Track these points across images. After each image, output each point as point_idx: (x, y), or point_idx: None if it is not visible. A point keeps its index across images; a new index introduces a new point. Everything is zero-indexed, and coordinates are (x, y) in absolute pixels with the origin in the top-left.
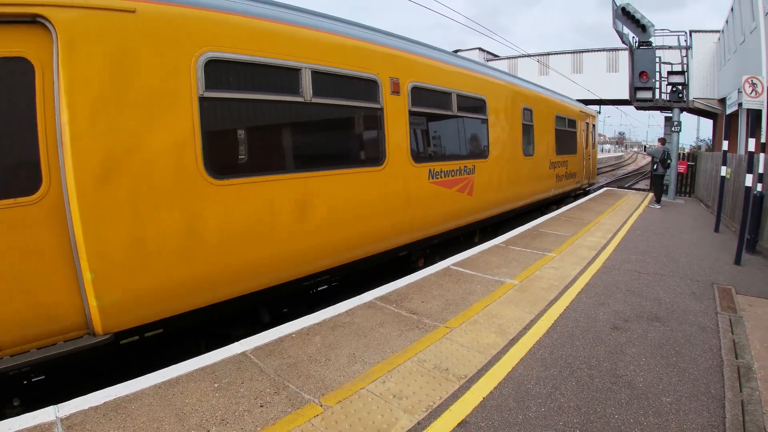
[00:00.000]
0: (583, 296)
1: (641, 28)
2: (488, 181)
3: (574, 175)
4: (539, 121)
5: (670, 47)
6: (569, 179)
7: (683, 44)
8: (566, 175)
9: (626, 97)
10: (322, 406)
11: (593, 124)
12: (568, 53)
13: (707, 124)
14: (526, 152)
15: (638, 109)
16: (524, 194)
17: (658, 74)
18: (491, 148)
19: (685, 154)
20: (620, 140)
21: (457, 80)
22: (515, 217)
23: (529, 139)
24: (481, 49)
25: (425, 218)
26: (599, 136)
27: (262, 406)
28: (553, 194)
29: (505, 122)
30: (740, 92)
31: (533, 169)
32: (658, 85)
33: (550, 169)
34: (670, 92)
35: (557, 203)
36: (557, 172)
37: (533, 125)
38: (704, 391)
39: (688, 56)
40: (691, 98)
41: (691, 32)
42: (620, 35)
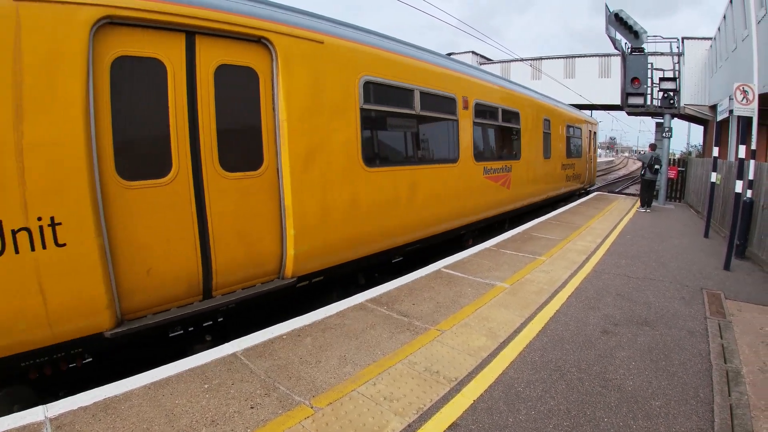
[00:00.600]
0: (573, 300)
1: (634, 34)
2: (520, 177)
3: (579, 176)
4: (554, 129)
5: (662, 54)
6: (575, 179)
7: (675, 51)
8: (573, 176)
9: (618, 102)
10: (312, 407)
11: (594, 131)
12: (560, 58)
13: (698, 130)
14: (545, 155)
15: (629, 114)
16: (543, 190)
17: (649, 80)
18: (522, 151)
19: (675, 159)
20: (611, 145)
21: (502, 97)
22: (531, 211)
23: (547, 144)
24: (474, 52)
25: (478, 205)
26: None
27: (252, 407)
28: (563, 192)
29: (531, 130)
30: (731, 99)
31: (550, 169)
32: (649, 91)
33: (561, 170)
34: (661, 98)
35: (564, 200)
36: (567, 173)
37: (550, 133)
38: (693, 395)
39: (680, 63)
40: (682, 104)
41: (683, 39)
42: (613, 41)
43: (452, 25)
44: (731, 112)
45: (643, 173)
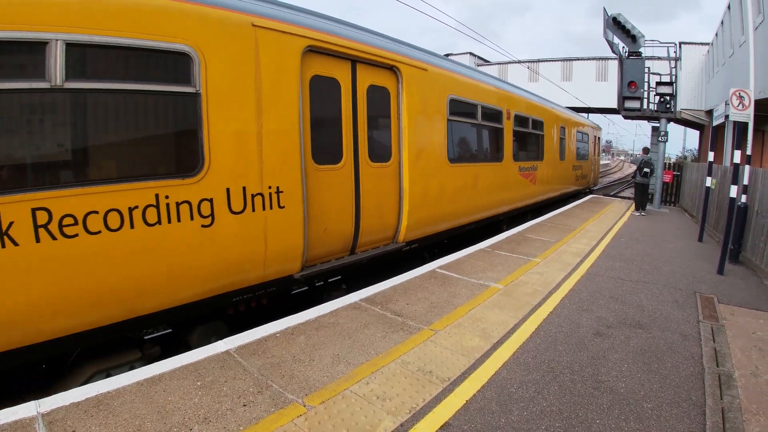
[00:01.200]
0: (566, 302)
1: (631, 38)
2: (543, 175)
3: (586, 176)
4: (568, 135)
5: (659, 58)
6: (583, 179)
7: (672, 55)
8: (581, 175)
9: (614, 105)
10: (305, 406)
11: (598, 136)
12: (557, 61)
13: (694, 134)
14: (561, 158)
15: (626, 118)
16: (559, 187)
17: (646, 84)
18: (545, 154)
19: (671, 164)
20: (607, 148)
21: (532, 108)
22: (547, 205)
23: (562, 148)
24: (472, 53)
25: (513, 197)
26: None
27: (245, 405)
28: (573, 190)
29: (552, 136)
30: (727, 105)
31: (564, 169)
32: (646, 95)
33: (572, 170)
34: (658, 102)
35: (573, 197)
36: (576, 173)
37: (565, 138)
38: (685, 397)
39: (677, 67)
40: (678, 109)
41: (680, 44)
42: (610, 45)
43: (451, 26)
44: (727, 117)
45: (634, 176)
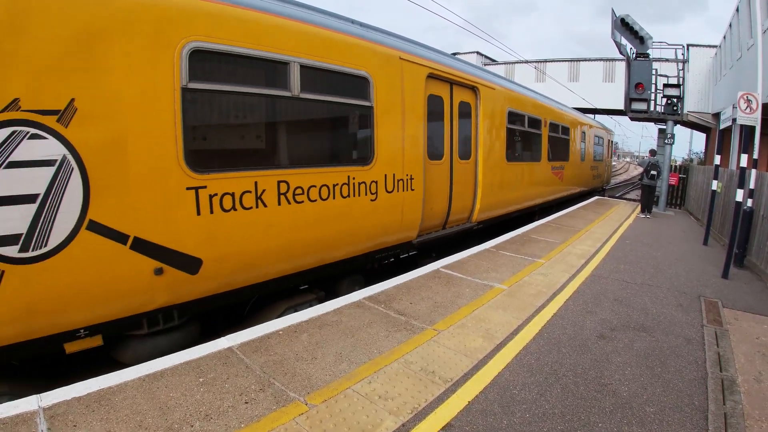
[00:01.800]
0: (570, 304)
1: (639, 39)
2: (568, 174)
3: (601, 176)
4: (587, 138)
5: (666, 60)
6: (598, 179)
7: (680, 57)
8: (597, 175)
9: (621, 107)
10: (307, 404)
11: (611, 140)
12: (565, 61)
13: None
14: (581, 159)
15: (633, 120)
16: (579, 184)
17: (653, 86)
18: (570, 155)
19: (677, 166)
20: (613, 150)
21: (561, 117)
22: (569, 200)
23: (583, 150)
24: (479, 53)
25: (546, 191)
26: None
27: (246, 402)
28: (590, 187)
29: (575, 139)
30: (735, 108)
31: (584, 169)
32: (653, 96)
33: (590, 170)
34: (665, 104)
35: (589, 194)
36: (593, 173)
37: (585, 142)
38: (688, 402)
39: (684, 70)
40: (685, 111)
41: (688, 46)
42: (618, 46)
43: (458, 25)
44: (734, 120)
45: (641, 178)
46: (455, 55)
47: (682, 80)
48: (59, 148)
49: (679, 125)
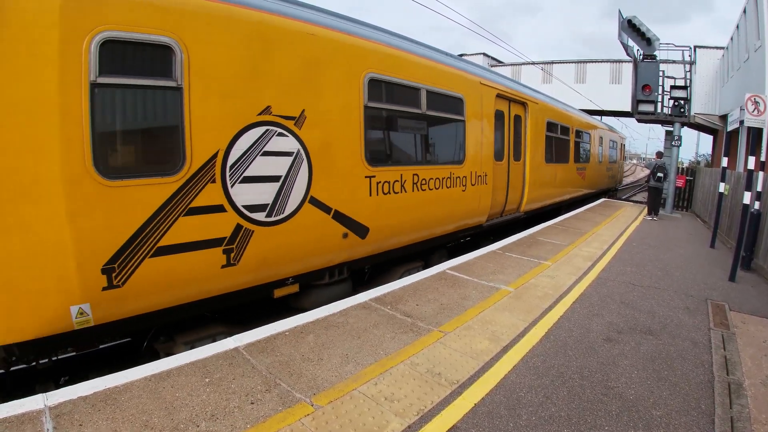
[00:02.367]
0: (577, 306)
1: (646, 41)
2: (588, 174)
3: (614, 176)
4: (604, 143)
5: (674, 61)
6: (612, 179)
7: (687, 59)
8: (611, 176)
9: (628, 108)
10: (313, 405)
11: (623, 144)
12: (571, 62)
13: (707, 139)
14: (599, 161)
15: (639, 121)
16: (597, 183)
17: (660, 88)
18: (590, 158)
19: (684, 168)
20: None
21: (584, 124)
22: (587, 198)
23: (600, 153)
24: (485, 54)
25: (572, 189)
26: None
27: (252, 403)
28: (605, 187)
29: (594, 144)
30: (742, 110)
31: (601, 170)
32: (660, 98)
33: (606, 171)
34: (672, 106)
35: (604, 194)
36: (608, 174)
37: (602, 146)
38: (695, 406)
39: (691, 71)
40: (692, 113)
41: (695, 48)
42: (625, 47)
43: (463, 25)
44: (742, 122)
45: (648, 180)
46: (462, 56)
47: (689, 82)
48: (296, 143)
49: (686, 127)
